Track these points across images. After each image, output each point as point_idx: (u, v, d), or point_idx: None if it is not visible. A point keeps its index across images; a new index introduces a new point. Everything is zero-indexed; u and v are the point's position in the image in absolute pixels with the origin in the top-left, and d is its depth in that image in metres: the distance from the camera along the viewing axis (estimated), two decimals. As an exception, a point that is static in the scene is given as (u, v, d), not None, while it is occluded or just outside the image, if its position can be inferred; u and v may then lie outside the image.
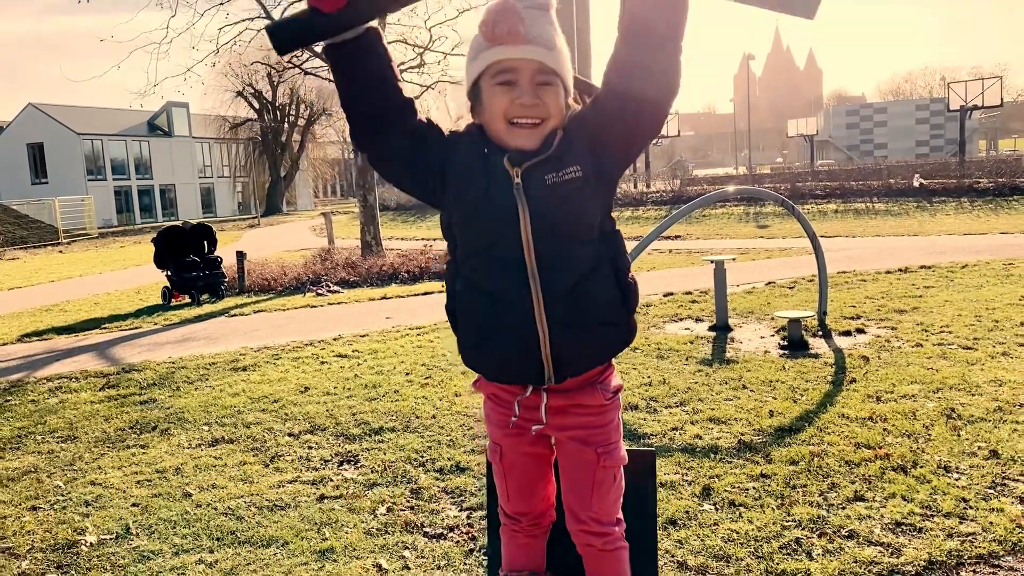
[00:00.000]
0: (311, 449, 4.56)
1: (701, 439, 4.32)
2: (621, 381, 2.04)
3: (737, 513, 3.39)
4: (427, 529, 3.43)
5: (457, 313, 1.95)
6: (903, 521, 3.23)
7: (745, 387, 5.32)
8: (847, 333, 6.87)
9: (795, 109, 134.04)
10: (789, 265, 12.32)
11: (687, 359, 6.20)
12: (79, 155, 48.06)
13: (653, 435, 4.43)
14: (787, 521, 3.28)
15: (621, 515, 2.06)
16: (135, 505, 3.88)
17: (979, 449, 3.95)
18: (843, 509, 3.37)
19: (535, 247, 1.78)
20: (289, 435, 4.84)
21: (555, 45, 1.76)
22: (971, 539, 3.05)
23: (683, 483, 3.74)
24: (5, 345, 9.15)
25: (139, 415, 5.53)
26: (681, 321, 7.88)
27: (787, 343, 6.53)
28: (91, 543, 3.48)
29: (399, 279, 13.26)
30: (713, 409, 4.82)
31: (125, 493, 4.05)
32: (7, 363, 7.94)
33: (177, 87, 61.38)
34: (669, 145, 67.17)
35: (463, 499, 3.71)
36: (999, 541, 3.02)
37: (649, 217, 24.87)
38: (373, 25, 1.80)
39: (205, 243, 12.63)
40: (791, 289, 9.61)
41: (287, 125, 49.35)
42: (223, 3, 15.57)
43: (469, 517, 3.52)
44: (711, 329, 7.37)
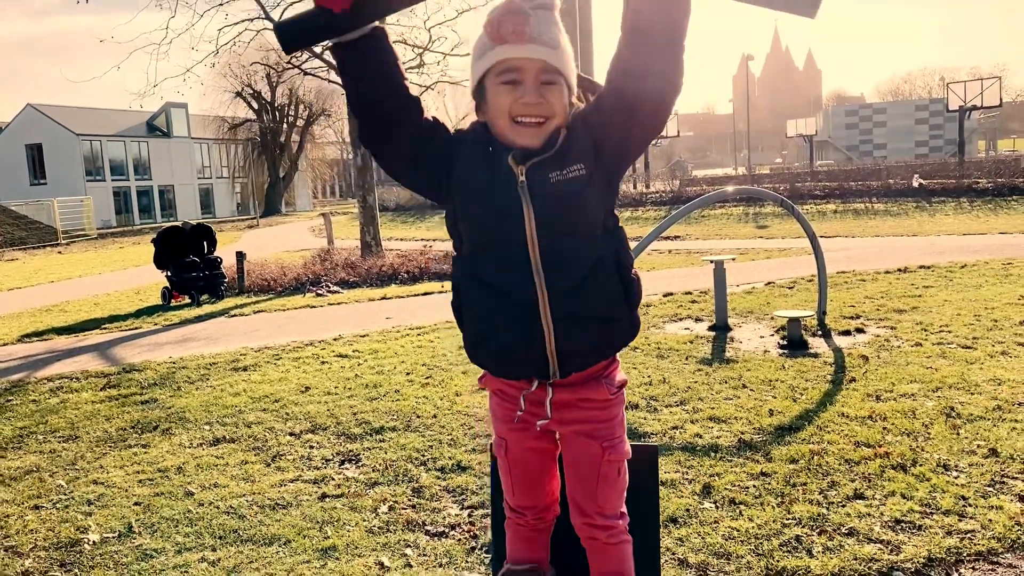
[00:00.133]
0: (312, 448, 4.57)
1: (701, 438, 4.33)
2: (625, 376, 2.06)
3: (737, 511, 3.40)
4: (429, 527, 3.44)
5: (462, 309, 1.97)
6: (903, 519, 3.24)
7: (745, 386, 5.33)
8: (847, 333, 6.89)
9: (794, 109, 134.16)
10: (788, 265, 12.34)
11: (687, 359, 6.21)
12: (78, 156, 48.07)
13: (653, 434, 4.44)
14: (787, 519, 3.30)
15: (625, 509, 2.08)
16: (137, 504, 3.89)
17: (978, 447, 3.96)
18: (843, 507, 3.38)
19: (539, 244, 1.80)
20: (290, 434, 4.85)
21: (559, 44, 1.78)
22: (970, 536, 3.07)
23: (683, 481, 3.75)
24: (5, 345, 9.16)
25: (140, 415, 5.54)
26: (681, 321, 7.90)
27: (787, 343, 6.55)
28: (94, 541, 3.49)
29: (399, 279, 13.27)
30: (713, 408, 4.84)
31: (127, 492, 4.06)
32: (8, 363, 7.94)
33: (176, 88, 61.38)
34: (668, 146, 67.23)
35: (464, 497, 3.72)
36: (998, 538, 3.04)
37: (648, 217, 24.89)
38: (379, 24, 1.82)
39: (205, 243, 12.65)
40: (790, 289, 9.62)
41: (286, 126, 49.35)
42: (222, 4, 15.61)
43: (471, 515, 3.53)
44: (711, 329, 7.38)
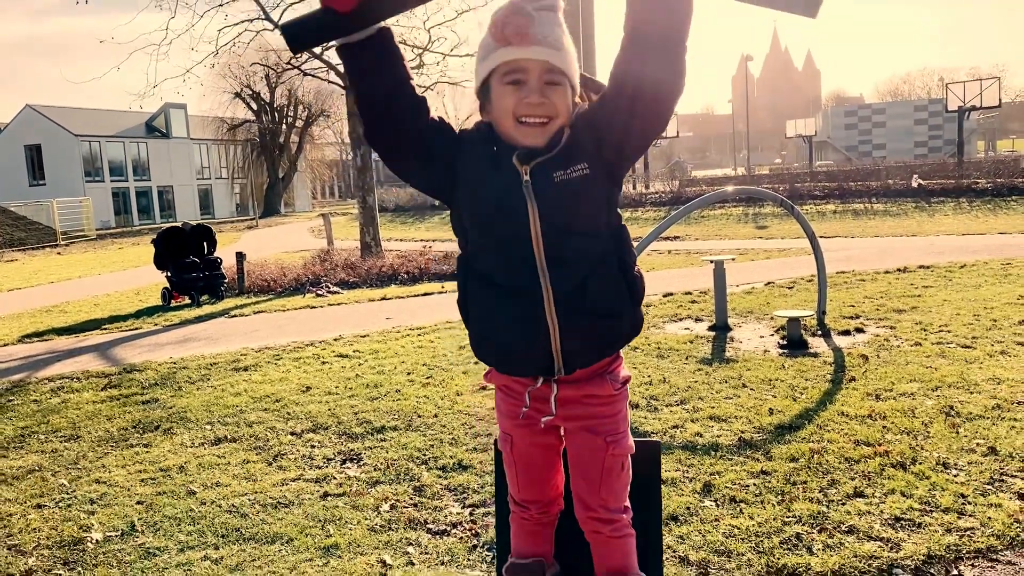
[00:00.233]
0: (314, 448, 4.59)
1: (702, 437, 4.35)
2: (629, 372, 2.08)
3: (738, 509, 3.42)
4: (430, 525, 3.46)
5: (468, 307, 1.99)
6: (902, 516, 3.26)
7: (745, 386, 5.35)
8: (846, 332, 6.91)
9: (793, 110, 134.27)
10: (788, 265, 12.36)
11: (687, 358, 6.23)
12: (77, 157, 48.07)
13: (654, 433, 4.46)
14: (787, 517, 3.31)
15: (628, 503, 2.10)
16: (140, 503, 3.90)
17: (977, 446, 3.98)
18: (843, 505, 3.40)
19: (544, 242, 1.82)
20: (292, 434, 4.87)
21: (562, 45, 1.80)
22: (969, 534, 3.08)
23: (684, 480, 3.77)
24: (6, 346, 9.17)
25: (141, 414, 5.56)
26: (681, 321, 7.91)
27: (786, 342, 6.57)
28: (97, 540, 3.51)
29: (399, 280, 13.29)
30: (713, 407, 4.85)
31: (129, 491, 4.07)
32: (8, 363, 7.96)
33: (176, 88, 61.41)
34: (668, 146, 67.26)
35: (466, 496, 3.74)
36: (997, 536, 3.05)
37: (648, 218, 24.91)
38: (385, 24, 1.83)
39: (205, 244, 12.66)
40: (790, 289, 9.64)
41: (285, 126, 49.33)
42: (222, 5, 15.61)
43: (472, 514, 3.54)
44: (711, 329, 7.40)
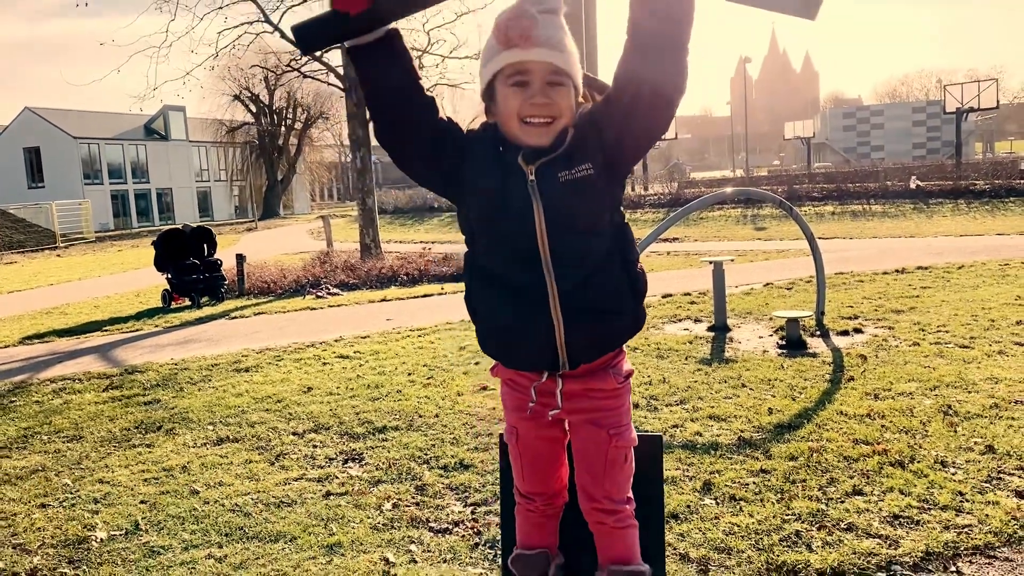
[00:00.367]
0: (316, 448, 4.61)
1: (701, 436, 4.38)
2: (632, 367, 2.12)
3: (738, 507, 3.44)
4: (432, 524, 3.48)
5: (475, 304, 2.03)
6: (901, 514, 3.29)
7: (744, 385, 5.38)
8: (845, 333, 6.94)
9: (792, 112, 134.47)
10: (787, 266, 12.39)
11: (687, 359, 6.26)
12: (76, 159, 48.07)
13: (654, 432, 4.48)
14: (787, 515, 3.34)
15: (631, 495, 2.14)
16: (143, 502, 3.93)
17: (975, 445, 4.01)
18: (842, 503, 3.43)
19: (549, 241, 1.86)
20: (294, 434, 4.89)
21: (565, 47, 1.84)
22: (967, 531, 3.11)
23: (684, 478, 3.79)
24: (7, 347, 9.19)
25: (144, 415, 5.58)
26: (680, 322, 7.94)
27: (785, 343, 6.60)
28: (101, 539, 3.53)
29: (398, 281, 13.31)
30: (713, 407, 4.88)
31: (133, 491, 4.10)
32: (9, 365, 7.97)
33: (176, 91, 61.38)
34: (666, 148, 67.30)
35: (468, 495, 3.76)
36: (995, 533, 3.08)
37: (647, 219, 24.93)
38: (394, 26, 1.87)
39: (205, 246, 12.67)
40: (789, 290, 9.67)
41: (284, 128, 49.36)
42: (222, 7, 15.66)
43: (474, 512, 3.57)
44: (710, 329, 7.43)
